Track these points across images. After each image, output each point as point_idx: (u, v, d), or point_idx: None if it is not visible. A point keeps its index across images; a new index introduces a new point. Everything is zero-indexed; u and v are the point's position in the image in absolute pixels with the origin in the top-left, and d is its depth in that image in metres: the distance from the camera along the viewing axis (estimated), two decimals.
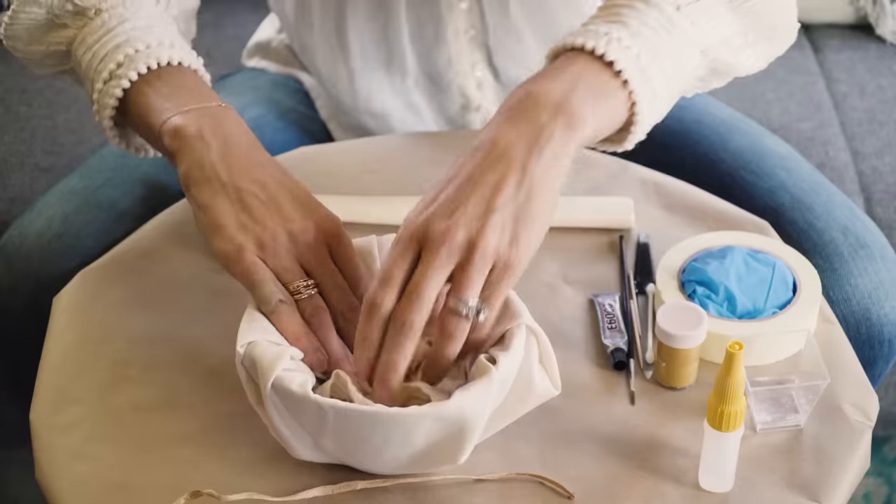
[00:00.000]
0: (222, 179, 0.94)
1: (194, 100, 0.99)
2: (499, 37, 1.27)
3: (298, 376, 0.86)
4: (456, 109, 1.34)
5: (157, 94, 1.00)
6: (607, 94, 0.90)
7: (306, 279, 0.92)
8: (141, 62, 1.00)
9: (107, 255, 1.09)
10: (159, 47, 1.01)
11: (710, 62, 0.99)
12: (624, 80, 0.91)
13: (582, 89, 0.89)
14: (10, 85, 1.77)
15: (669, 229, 1.11)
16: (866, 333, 1.17)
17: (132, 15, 1.04)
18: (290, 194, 0.95)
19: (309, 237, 0.93)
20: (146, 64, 1.00)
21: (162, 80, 1.01)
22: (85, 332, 1.01)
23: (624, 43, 0.91)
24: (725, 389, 0.84)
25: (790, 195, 1.25)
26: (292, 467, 0.90)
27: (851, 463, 0.91)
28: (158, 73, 1.01)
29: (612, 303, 1.03)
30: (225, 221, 0.92)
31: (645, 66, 0.92)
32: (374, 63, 1.28)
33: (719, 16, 0.98)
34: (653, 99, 0.93)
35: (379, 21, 1.25)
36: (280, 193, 0.94)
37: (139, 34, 1.02)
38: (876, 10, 1.83)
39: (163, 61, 1.01)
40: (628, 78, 0.91)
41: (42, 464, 0.92)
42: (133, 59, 1.01)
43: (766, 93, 1.75)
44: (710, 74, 1.01)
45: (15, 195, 1.59)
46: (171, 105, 0.98)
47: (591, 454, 0.91)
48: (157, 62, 1.01)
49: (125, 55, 1.01)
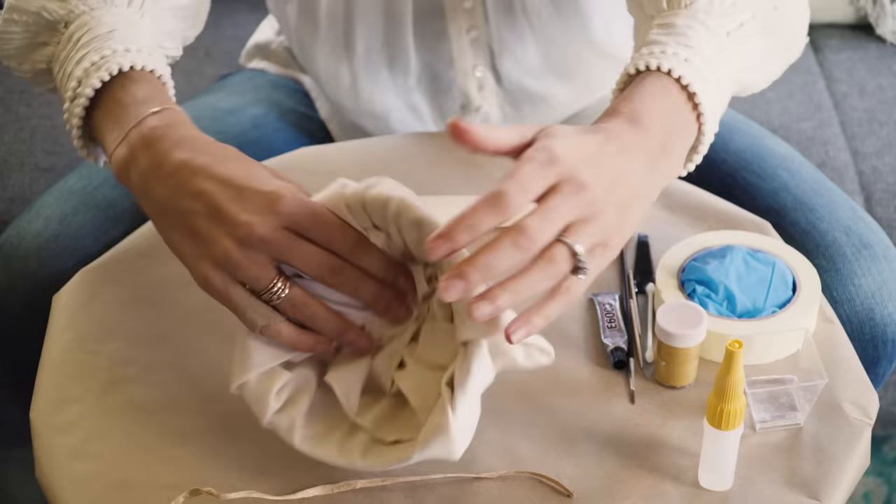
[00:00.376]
0: (165, 208, 0.90)
1: (127, 119, 0.95)
2: (502, 38, 1.27)
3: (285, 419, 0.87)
4: (455, 110, 1.34)
5: (106, 117, 0.97)
6: (688, 131, 0.93)
7: (273, 280, 0.87)
8: (94, 77, 0.97)
9: (106, 255, 1.09)
10: (112, 56, 0.98)
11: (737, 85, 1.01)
12: (699, 114, 0.93)
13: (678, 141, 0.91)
14: (10, 85, 1.77)
15: (669, 229, 1.11)
16: (870, 333, 1.17)
17: (96, 23, 1.01)
18: (231, 186, 0.88)
19: (262, 230, 0.86)
20: (99, 78, 0.97)
21: (110, 98, 0.97)
22: (84, 331, 1.01)
23: (703, 75, 0.92)
24: (725, 388, 0.85)
25: (792, 196, 1.25)
26: (292, 467, 0.90)
27: (851, 461, 0.91)
28: (110, 87, 0.97)
29: (611, 302, 1.03)
30: (183, 252, 0.89)
31: (712, 96, 0.93)
32: (378, 64, 1.28)
33: (752, 39, 0.99)
34: (714, 130, 0.95)
35: (386, 21, 1.25)
36: (220, 193, 0.88)
37: (98, 44, 0.99)
38: (876, 10, 1.83)
39: (113, 70, 0.97)
40: (705, 119, 0.93)
41: (42, 463, 0.92)
42: (88, 75, 0.98)
43: (766, 93, 1.75)
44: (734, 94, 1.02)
45: (15, 195, 1.59)
46: (114, 133, 0.95)
47: (590, 453, 0.91)
48: (108, 74, 0.97)
49: (83, 70, 0.98)
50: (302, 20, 1.30)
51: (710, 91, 0.93)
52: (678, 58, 0.92)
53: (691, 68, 0.92)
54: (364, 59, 1.28)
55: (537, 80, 1.32)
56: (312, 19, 1.28)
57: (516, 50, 1.29)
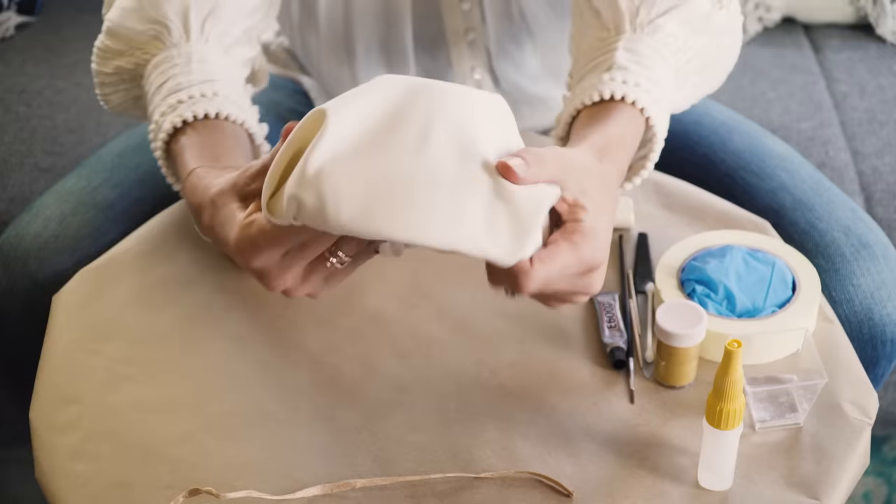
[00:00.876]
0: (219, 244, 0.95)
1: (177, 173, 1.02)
2: (500, 41, 1.27)
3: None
4: None
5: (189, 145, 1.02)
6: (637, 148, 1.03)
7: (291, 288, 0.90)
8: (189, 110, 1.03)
9: (106, 255, 1.09)
10: (202, 99, 1.03)
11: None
12: (641, 109, 1.01)
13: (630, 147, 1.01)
14: (10, 85, 1.77)
15: (669, 228, 1.11)
16: (869, 333, 1.17)
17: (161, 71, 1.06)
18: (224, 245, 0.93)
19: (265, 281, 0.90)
20: (193, 112, 1.02)
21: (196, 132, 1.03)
22: (84, 331, 1.02)
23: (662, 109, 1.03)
24: (724, 388, 0.85)
25: (791, 196, 1.25)
26: (291, 466, 0.91)
27: (851, 461, 0.91)
28: (204, 124, 1.03)
29: (611, 302, 1.03)
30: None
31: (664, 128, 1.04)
32: (378, 66, 1.28)
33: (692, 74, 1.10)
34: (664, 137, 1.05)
35: (385, 21, 1.25)
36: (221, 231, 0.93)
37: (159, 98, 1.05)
38: (876, 10, 1.83)
39: (211, 113, 1.02)
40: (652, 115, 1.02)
41: (42, 463, 0.92)
42: (175, 108, 1.03)
43: (766, 93, 1.75)
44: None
45: (15, 195, 1.59)
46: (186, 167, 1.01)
47: (590, 453, 0.91)
48: (204, 112, 1.02)
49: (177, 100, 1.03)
50: (303, 21, 1.30)
51: (665, 124, 1.04)
52: (651, 96, 1.01)
53: (653, 101, 1.01)
54: (364, 61, 1.28)
55: (535, 83, 1.32)
56: (313, 20, 1.28)
57: (514, 52, 1.29)
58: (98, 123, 1.70)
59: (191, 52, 1.06)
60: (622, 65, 1.02)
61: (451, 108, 0.83)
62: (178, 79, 1.04)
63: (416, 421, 0.94)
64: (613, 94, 1.00)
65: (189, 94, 1.03)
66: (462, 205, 0.81)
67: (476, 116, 0.84)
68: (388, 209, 0.80)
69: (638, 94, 1.00)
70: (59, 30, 1.91)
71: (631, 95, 1.00)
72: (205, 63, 1.06)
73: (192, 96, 1.03)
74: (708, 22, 1.08)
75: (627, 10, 1.05)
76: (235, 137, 1.04)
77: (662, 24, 1.05)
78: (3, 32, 1.88)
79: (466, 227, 0.81)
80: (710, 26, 1.08)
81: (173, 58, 1.06)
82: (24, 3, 1.92)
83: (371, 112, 0.83)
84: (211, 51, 1.07)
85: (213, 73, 1.05)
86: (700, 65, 1.09)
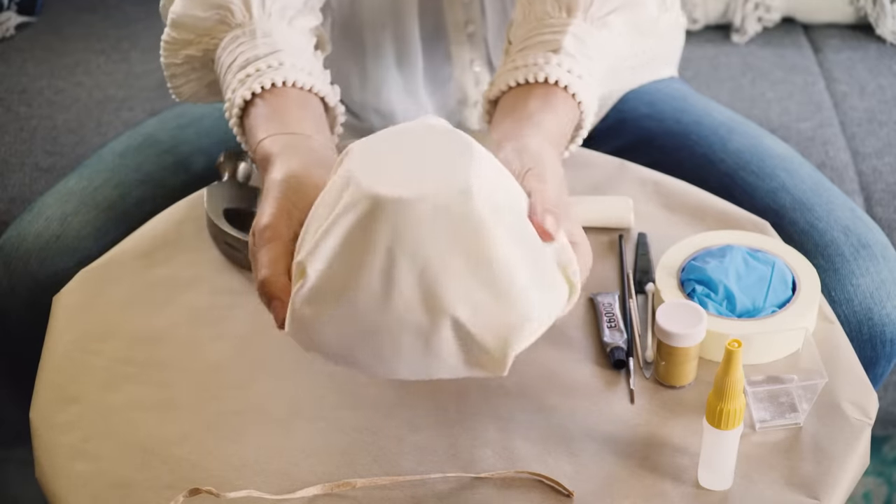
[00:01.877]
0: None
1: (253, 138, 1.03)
2: (499, 33, 1.28)
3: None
4: (453, 104, 1.34)
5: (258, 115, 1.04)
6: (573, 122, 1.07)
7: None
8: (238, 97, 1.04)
9: (106, 255, 1.09)
10: (268, 70, 1.05)
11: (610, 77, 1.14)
12: (579, 102, 1.06)
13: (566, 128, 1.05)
14: (10, 85, 1.77)
15: (669, 229, 1.11)
16: (868, 333, 1.17)
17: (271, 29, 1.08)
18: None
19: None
20: (243, 98, 1.04)
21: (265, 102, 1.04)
22: (85, 331, 1.02)
23: (585, 80, 1.06)
24: (724, 387, 0.85)
25: (791, 196, 1.25)
26: (291, 466, 0.91)
27: (851, 461, 0.91)
28: (272, 93, 1.04)
29: (611, 302, 1.03)
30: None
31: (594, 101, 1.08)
32: (386, 59, 1.29)
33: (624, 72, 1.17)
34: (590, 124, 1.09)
35: (392, 12, 1.25)
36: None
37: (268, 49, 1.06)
38: (876, 10, 1.83)
39: (277, 82, 1.04)
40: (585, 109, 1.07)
41: (42, 463, 0.92)
42: (244, 82, 1.04)
43: (766, 93, 1.75)
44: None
45: (15, 195, 1.59)
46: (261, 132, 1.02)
47: (590, 452, 0.91)
48: (271, 82, 1.04)
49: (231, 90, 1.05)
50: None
51: (593, 99, 1.07)
52: (590, 90, 1.06)
53: (591, 95, 1.06)
54: (373, 52, 1.28)
55: None
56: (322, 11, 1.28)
57: None
58: (98, 123, 1.70)
59: (255, 28, 1.08)
60: (570, 52, 1.06)
61: (413, 235, 0.81)
62: (246, 55, 1.06)
63: (416, 421, 0.94)
64: (558, 81, 1.04)
65: (256, 67, 1.05)
66: (432, 346, 0.83)
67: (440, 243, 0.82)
68: (363, 357, 0.85)
69: (579, 87, 1.05)
70: (59, 30, 1.91)
71: (573, 86, 1.04)
72: (269, 36, 1.07)
73: (259, 69, 1.04)
74: (655, 26, 1.12)
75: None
76: (303, 103, 1.05)
77: (612, 22, 1.08)
78: (3, 32, 1.88)
79: (442, 361, 0.84)
80: (657, 30, 1.13)
81: (239, 37, 1.08)
82: (24, 3, 1.91)
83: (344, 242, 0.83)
84: (275, 25, 1.09)
85: (278, 44, 1.07)
86: (637, 65, 1.15)
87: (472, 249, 0.81)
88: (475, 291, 0.81)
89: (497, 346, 0.82)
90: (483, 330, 0.82)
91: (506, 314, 0.82)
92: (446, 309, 0.81)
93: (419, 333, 0.82)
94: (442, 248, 0.81)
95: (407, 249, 0.81)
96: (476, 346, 0.82)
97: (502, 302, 0.82)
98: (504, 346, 0.82)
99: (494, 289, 0.81)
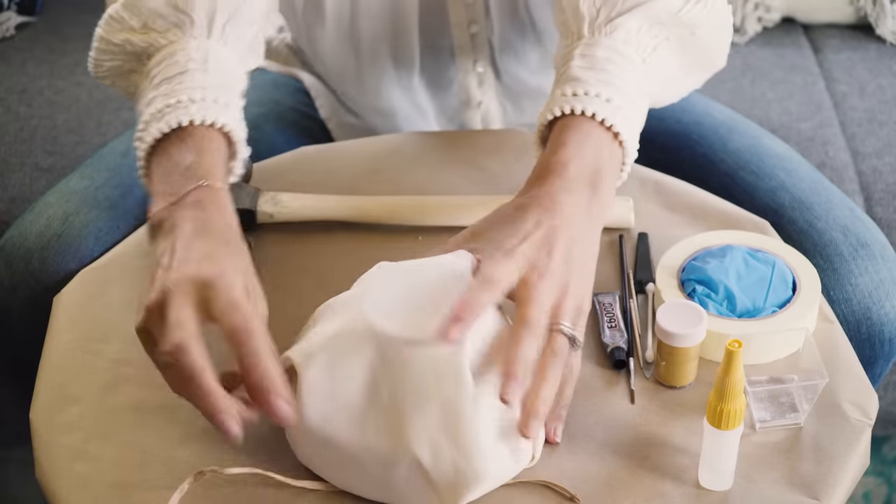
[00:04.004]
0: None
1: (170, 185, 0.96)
2: (503, 34, 1.27)
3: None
4: (456, 106, 1.34)
5: (156, 167, 0.98)
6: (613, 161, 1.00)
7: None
8: (154, 128, 0.99)
9: (107, 255, 1.09)
10: (174, 108, 0.99)
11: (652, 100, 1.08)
12: (621, 141, 1.00)
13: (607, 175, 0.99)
14: (10, 85, 1.77)
15: (669, 229, 1.11)
16: (867, 333, 1.17)
17: (170, 61, 1.03)
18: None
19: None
20: (159, 130, 0.98)
21: (163, 152, 0.98)
22: (85, 331, 1.01)
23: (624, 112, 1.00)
24: (725, 388, 0.85)
25: (790, 195, 1.25)
26: (291, 467, 0.90)
27: (851, 461, 0.91)
28: (168, 138, 0.99)
29: (611, 302, 1.03)
30: None
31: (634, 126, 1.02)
32: (384, 58, 1.29)
33: (667, 58, 1.08)
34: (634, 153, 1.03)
35: (391, 13, 1.25)
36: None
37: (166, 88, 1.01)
38: (876, 10, 1.84)
39: (172, 124, 0.98)
40: (627, 151, 1.01)
41: (42, 463, 0.92)
42: (149, 124, 0.99)
43: (766, 93, 1.75)
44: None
45: (15, 195, 1.59)
46: (158, 188, 0.96)
47: (591, 453, 0.91)
48: (167, 127, 0.98)
49: (150, 114, 1.00)
50: (308, 13, 1.30)
51: (631, 124, 1.01)
52: (600, 99, 1.00)
53: (612, 108, 0.99)
54: (369, 54, 1.28)
55: (537, 76, 1.32)
56: (319, 12, 1.28)
57: (516, 46, 1.29)
58: (98, 123, 1.70)
59: (208, 50, 1.05)
60: (575, 76, 1.02)
61: (400, 372, 0.86)
62: (195, 76, 1.02)
63: None
64: (563, 110, 1.00)
65: (202, 95, 1.01)
66: (390, 476, 0.86)
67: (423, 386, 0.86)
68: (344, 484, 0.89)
69: (586, 104, 0.99)
70: (59, 30, 1.91)
71: (579, 107, 0.99)
72: (221, 64, 1.04)
73: (203, 98, 1.00)
74: (677, 17, 1.07)
75: (588, 13, 1.05)
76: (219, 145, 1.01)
77: (622, 23, 1.04)
78: (3, 32, 1.88)
79: (399, 493, 0.87)
80: (681, 20, 1.07)
81: (190, 51, 1.04)
82: (24, 3, 1.92)
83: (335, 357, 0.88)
84: (228, 55, 1.07)
85: (226, 78, 1.04)
86: (675, 48, 1.08)
87: (450, 401, 0.85)
88: (441, 439, 0.85)
89: (449, 496, 0.86)
90: (440, 477, 0.85)
91: (464, 468, 0.85)
92: (411, 447, 0.85)
93: (382, 462, 0.86)
94: (423, 390, 0.85)
95: (391, 382, 0.86)
96: (430, 488, 0.86)
97: (464, 456, 0.85)
98: (455, 497, 0.86)
99: (459, 442, 0.85)
